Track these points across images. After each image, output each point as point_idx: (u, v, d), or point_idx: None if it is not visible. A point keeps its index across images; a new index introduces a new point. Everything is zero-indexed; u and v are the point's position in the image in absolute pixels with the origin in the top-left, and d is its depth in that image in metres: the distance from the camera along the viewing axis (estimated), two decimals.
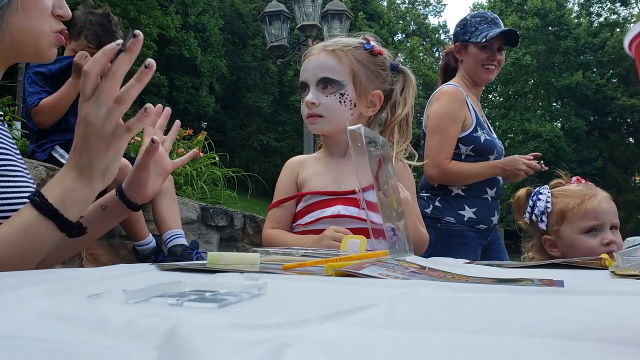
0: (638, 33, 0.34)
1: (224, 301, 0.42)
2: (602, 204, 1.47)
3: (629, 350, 0.30)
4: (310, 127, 1.38)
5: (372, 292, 0.51)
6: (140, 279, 0.60)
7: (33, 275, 0.60)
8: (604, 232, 1.46)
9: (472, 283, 0.60)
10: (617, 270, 0.80)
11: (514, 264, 1.06)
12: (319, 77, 1.34)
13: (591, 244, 1.46)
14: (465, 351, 0.29)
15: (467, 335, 0.33)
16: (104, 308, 0.39)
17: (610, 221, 1.47)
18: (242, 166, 5.26)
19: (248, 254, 0.77)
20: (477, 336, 0.32)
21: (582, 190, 1.52)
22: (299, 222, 1.35)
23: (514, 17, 31.65)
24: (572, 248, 1.48)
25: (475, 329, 0.36)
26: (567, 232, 1.49)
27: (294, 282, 0.60)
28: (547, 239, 1.54)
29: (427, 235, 1.38)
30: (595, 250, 1.43)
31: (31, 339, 0.30)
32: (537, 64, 31.13)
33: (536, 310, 0.44)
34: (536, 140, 28.96)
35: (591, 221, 1.46)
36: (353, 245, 1.02)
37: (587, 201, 1.48)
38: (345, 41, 1.39)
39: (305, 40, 6.99)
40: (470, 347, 0.30)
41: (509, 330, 0.36)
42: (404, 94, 1.43)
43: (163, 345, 0.29)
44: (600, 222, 1.46)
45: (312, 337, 0.31)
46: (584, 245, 1.46)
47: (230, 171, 4.21)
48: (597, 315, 0.41)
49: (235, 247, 3.11)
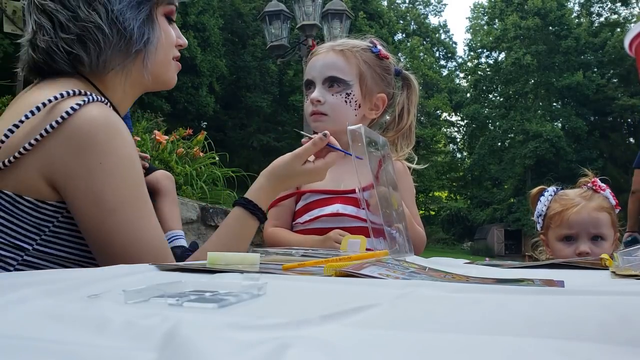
0: (638, 33, 0.34)
1: (223, 301, 0.42)
2: (580, 214, 1.50)
3: (630, 350, 0.30)
4: (313, 124, 1.38)
5: (372, 292, 0.51)
6: (140, 279, 0.60)
7: (33, 276, 0.60)
8: (579, 242, 1.49)
9: (472, 283, 0.60)
10: (618, 270, 0.80)
11: (514, 264, 1.06)
12: (326, 75, 1.34)
13: (565, 252, 1.50)
14: (465, 351, 0.29)
15: (467, 335, 0.33)
16: (104, 308, 0.39)
17: (587, 232, 1.49)
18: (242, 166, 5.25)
19: (248, 254, 0.77)
20: (477, 336, 0.32)
21: (572, 198, 1.54)
22: (298, 221, 1.36)
23: (515, 17, 31.66)
24: (554, 253, 1.54)
25: (475, 329, 0.36)
26: (550, 237, 1.55)
27: (294, 282, 0.60)
28: (542, 239, 1.60)
29: (424, 235, 1.38)
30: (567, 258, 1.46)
31: (31, 339, 0.30)
32: (538, 63, 31.12)
33: (536, 310, 0.43)
34: (536, 140, 28.95)
35: (565, 230, 1.51)
36: (353, 245, 1.02)
37: (568, 210, 1.51)
38: (353, 42, 1.40)
39: (305, 40, 7.00)
40: (470, 347, 0.30)
41: (509, 330, 0.36)
42: (408, 102, 1.44)
43: (163, 345, 0.28)
44: (574, 232, 1.50)
45: (312, 337, 0.31)
46: (560, 253, 1.51)
47: (230, 171, 4.21)
48: (597, 315, 0.41)
49: None
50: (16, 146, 0.83)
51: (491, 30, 34.89)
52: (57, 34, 0.93)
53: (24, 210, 0.85)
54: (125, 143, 0.89)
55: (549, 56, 31.22)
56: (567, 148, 29.04)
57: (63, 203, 0.87)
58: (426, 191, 33.75)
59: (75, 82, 0.95)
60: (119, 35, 0.96)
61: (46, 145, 0.84)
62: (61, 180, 0.85)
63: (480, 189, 34.36)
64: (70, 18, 0.93)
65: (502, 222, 30.66)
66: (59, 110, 0.85)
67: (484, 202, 33.59)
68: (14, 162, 0.83)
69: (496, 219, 31.36)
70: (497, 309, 0.44)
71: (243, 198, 1.09)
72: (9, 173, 0.84)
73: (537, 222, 1.60)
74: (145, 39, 0.99)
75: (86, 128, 0.85)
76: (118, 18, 0.95)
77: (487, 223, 31.94)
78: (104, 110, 0.89)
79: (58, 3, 0.93)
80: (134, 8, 0.97)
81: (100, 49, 0.95)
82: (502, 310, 0.44)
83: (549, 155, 28.73)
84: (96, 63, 0.96)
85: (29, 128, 0.84)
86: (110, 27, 0.94)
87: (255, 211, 1.07)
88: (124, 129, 0.90)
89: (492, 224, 31.22)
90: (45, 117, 0.84)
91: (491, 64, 35.49)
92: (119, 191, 0.87)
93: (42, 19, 0.94)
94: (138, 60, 1.00)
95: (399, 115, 1.43)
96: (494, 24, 35.12)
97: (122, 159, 0.88)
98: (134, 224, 0.88)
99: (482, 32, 35.98)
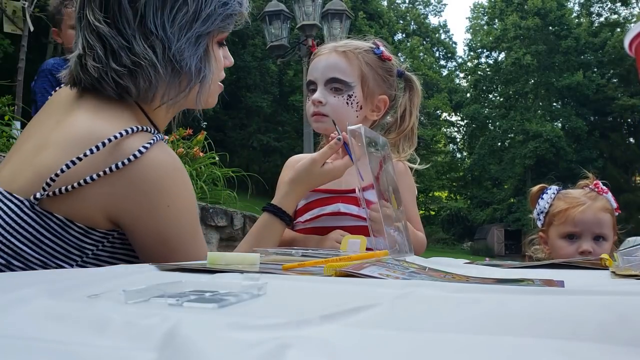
0: (638, 33, 0.34)
1: (223, 301, 0.42)
2: (585, 214, 1.51)
3: (630, 350, 0.30)
4: (314, 125, 1.38)
5: (372, 292, 0.51)
6: (140, 279, 0.60)
7: (33, 276, 0.60)
8: (582, 241, 1.50)
9: (472, 283, 0.60)
10: (618, 270, 0.80)
11: (514, 264, 1.06)
12: (328, 77, 1.34)
13: (567, 249, 1.52)
14: (465, 351, 0.29)
15: (467, 335, 0.33)
16: (104, 308, 0.39)
17: (591, 231, 1.50)
18: (242, 166, 5.26)
19: (248, 254, 0.77)
20: (477, 336, 0.32)
21: (578, 197, 1.55)
22: (299, 220, 1.36)
23: (514, 17, 31.67)
24: (554, 250, 1.55)
25: (475, 329, 0.36)
26: (552, 234, 1.56)
27: (294, 282, 0.60)
28: (541, 236, 1.61)
29: (424, 239, 1.38)
30: (571, 256, 1.47)
31: (31, 339, 0.30)
32: (538, 63, 31.13)
33: (536, 310, 0.43)
34: (536, 140, 28.97)
35: (569, 228, 1.52)
36: (353, 245, 1.02)
37: (573, 208, 1.52)
38: (356, 44, 1.39)
39: (305, 40, 6.99)
40: (470, 347, 0.30)
41: (509, 330, 0.36)
42: (410, 104, 1.43)
43: (163, 345, 0.28)
44: (578, 230, 1.51)
45: (312, 337, 0.31)
46: (562, 250, 1.52)
47: (230, 171, 4.21)
48: (597, 315, 0.41)
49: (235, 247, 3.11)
50: (75, 176, 0.83)
51: (491, 30, 34.92)
52: (109, 64, 0.90)
53: (72, 234, 0.86)
54: (187, 184, 0.94)
55: (548, 56, 31.23)
56: (567, 148, 29.06)
57: (112, 231, 0.89)
58: (426, 191, 33.78)
59: (128, 111, 0.93)
60: (174, 73, 0.94)
61: (110, 182, 0.84)
62: (126, 219, 0.87)
63: (480, 189, 34.38)
64: (124, 47, 0.90)
65: (502, 222, 30.67)
66: (124, 150, 0.85)
67: (484, 202, 33.61)
68: (71, 191, 0.83)
69: (496, 219, 31.37)
70: (497, 309, 0.44)
71: (270, 204, 1.23)
72: (63, 199, 0.84)
73: (537, 219, 1.61)
74: (202, 76, 0.97)
75: (155, 174, 0.86)
76: (175, 56, 0.92)
77: (487, 223, 31.95)
78: (170, 154, 0.91)
79: (114, 28, 0.90)
80: (193, 45, 0.94)
81: (150, 84, 0.93)
82: (502, 310, 0.44)
83: (549, 155, 28.74)
84: (145, 96, 0.94)
85: (91, 161, 0.83)
86: (165, 64, 0.92)
87: (282, 215, 1.21)
88: (184, 170, 0.94)
89: (492, 224, 31.23)
90: (110, 154, 0.84)
91: (491, 64, 35.53)
92: (183, 229, 0.91)
93: (95, 41, 0.90)
94: (191, 95, 0.99)
95: (401, 117, 1.42)
96: (493, 24, 35.15)
97: (186, 200, 0.92)
98: (192, 255, 0.91)
99: (482, 32, 36.00)
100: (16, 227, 0.83)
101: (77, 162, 0.83)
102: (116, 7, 0.89)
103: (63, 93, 1.00)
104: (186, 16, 0.92)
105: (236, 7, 1.00)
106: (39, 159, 0.86)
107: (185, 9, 0.92)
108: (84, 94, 0.95)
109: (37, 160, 0.86)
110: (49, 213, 0.84)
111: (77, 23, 0.94)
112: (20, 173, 0.86)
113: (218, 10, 0.96)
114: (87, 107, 0.92)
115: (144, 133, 0.89)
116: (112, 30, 0.90)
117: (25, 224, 0.83)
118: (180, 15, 0.92)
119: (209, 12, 0.94)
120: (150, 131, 0.90)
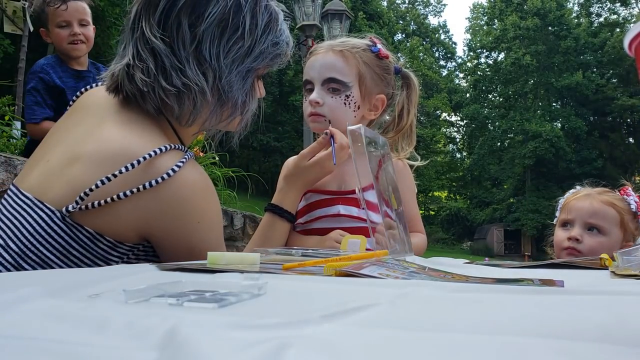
0: (638, 33, 0.34)
1: (224, 301, 0.42)
2: (580, 201, 1.53)
3: (630, 350, 0.30)
4: (311, 125, 1.37)
5: (372, 292, 0.51)
6: (140, 279, 0.60)
7: (33, 276, 0.60)
8: (574, 228, 1.51)
9: (472, 283, 0.60)
10: (617, 270, 0.80)
11: (514, 264, 1.06)
12: (325, 76, 1.32)
13: (560, 236, 1.54)
14: (465, 351, 0.29)
15: (467, 335, 0.33)
16: (104, 308, 0.39)
17: (583, 219, 1.50)
18: (242, 166, 5.25)
19: (248, 254, 0.77)
20: (477, 336, 0.32)
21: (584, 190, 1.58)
22: (299, 221, 1.35)
23: (514, 17, 31.68)
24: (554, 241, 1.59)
25: (475, 329, 0.36)
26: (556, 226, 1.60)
27: (294, 282, 0.60)
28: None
29: (425, 240, 1.38)
30: (561, 243, 1.52)
31: (31, 339, 0.30)
32: (537, 64, 31.14)
33: (536, 310, 0.43)
34: (536, 140, 28.96)
35: (564, 215, 1.55)
36: (353, 245, 1.02)
37: (574, 198, 1.56)
38: (352, 42, 1.37)
39: (305, 40, 6.99)
40: (470, 347, 0.30)
41: (509, 330, 0.36)
42: (408, 102, 1.43)
43: (163, 345, 0.29)
44: (571, 218, 1.52)
45: (312, 337, 0.31)
46: (556, 238, 1.56)
47: (230, 171, 4.21)
48: (597, 315, 0.41)
49: (235, 247, 3.11)
50: (108, 191, 0.84)
51: (491, 31, 34.92)
52: (158, 80, 0.90)
53: (101, 247, 0.87)
54: (216, 201, 0.97)
55: (548, 56, 31.24)
56: (567, 148, 29.05)
57: (139, 244, 0.90)
58: (426, 191, 33.76)
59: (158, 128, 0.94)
60: (220, 102, 0.96)
61: (143, 199, 0.85)
62: (157, 234, 0.89)
63: (479, 188, 34.39)
64: (177, 67, 0.90)
65: (501, 222, 30.67)
66: (157, 168, 0.86)
67: (484, 202, 33.61)
68: (103, 205, 0.84)
69: (496, 219, 31.38)
70: (497, 309, 0.44)
71: (270, 204, 1.26)
72: (95, 213, 0.84)
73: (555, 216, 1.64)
74: (247, 109, 1.00)
75: (187, 192, 0.88)
76: (224, 86, 0.94)
77: (486, 223, 31.95)
78: (200, 173, 0.93)
79: (169, 47, 0.90)
80: (242, 78, 0.96)
81: (194, 108, 0.94)
82: (502, 310, 0.44)
83: (548, 155, 28.73)
84: (187, 119, 0.96)
85: (124, 178, 0.84)
86: (212, 93, 0.94)
87: (282, 213, 1.25)
88: (213, 187, 0.97)
89: (491, 224, 31.24)
90: (144, 171, 0.85)
91: (491, 64, 35.52)
92: (212, 243, 0.94)
93: (147, 54, 0.90)
94: (232, 123, 1.03)
95: (399, 115, 1.41)
96: (493, 24, 35.15)
97: (215, 216, 0.96)
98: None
99: (481, 32, 36.01)
100: (45, 236, 0.84)
101: (112, 178, 0.83)
102: (175, 28, 0.90)
103: (94, 96, 0.99)
104: (241, 50, 0.95)
105: (285, 48, 1.05)
106: (71, 171, 0.86)
107: (241, 42, 0.94)
108: (119, 104, 0.95)
109: (69, 171, 0.86)
110: (79, 225, 0.84)
111: (130, 31, 0.93)
112: (51, 183, 0.87)
113: (270, 49, 1.00)
114: (120, 119, 0.92)
115: (176, 151, 0.90)
116: (167, 48, 0.90)
117: (55, 234, 0.84)
118: (236, 49, 0.94)
119: (262, 49, 0.98)
120: (180, 149, 0.91)
